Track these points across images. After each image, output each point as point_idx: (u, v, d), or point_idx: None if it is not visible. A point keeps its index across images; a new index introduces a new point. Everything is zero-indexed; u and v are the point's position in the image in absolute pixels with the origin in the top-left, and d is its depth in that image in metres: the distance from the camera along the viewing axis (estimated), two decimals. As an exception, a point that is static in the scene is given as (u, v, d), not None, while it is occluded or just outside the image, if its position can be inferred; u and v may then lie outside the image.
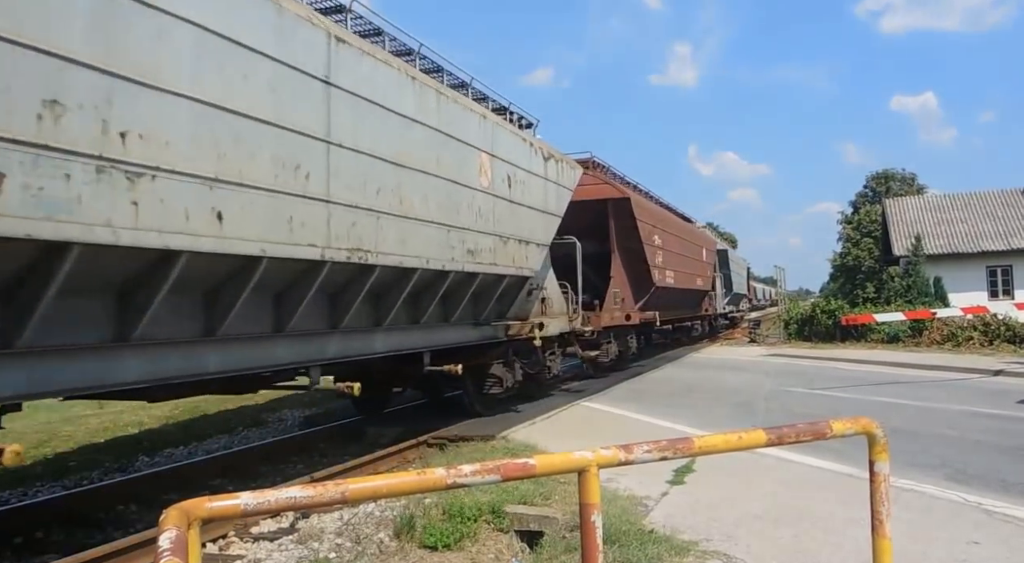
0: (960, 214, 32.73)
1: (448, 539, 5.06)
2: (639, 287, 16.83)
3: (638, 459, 2.66)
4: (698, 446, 2.82)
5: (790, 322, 29.00)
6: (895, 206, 35.76)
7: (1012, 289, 29.07)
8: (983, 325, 22.81)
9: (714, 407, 11.84)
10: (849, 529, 5.13)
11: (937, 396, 12.74)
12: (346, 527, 5.73)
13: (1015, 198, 32.69)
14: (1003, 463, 7.52)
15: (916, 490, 6.36)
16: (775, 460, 7.41)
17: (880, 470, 3.04)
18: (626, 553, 4.68)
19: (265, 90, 5.45)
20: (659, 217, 19.15)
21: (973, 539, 5.10)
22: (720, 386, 14.82)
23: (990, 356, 20.25)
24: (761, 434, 2.93)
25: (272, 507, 2.14)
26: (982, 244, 30.16)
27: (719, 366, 19.94)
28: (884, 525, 3.04)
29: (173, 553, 1.81)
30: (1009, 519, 5.58)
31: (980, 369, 16.84)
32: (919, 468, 7.14)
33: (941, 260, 29.78)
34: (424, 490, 2.52)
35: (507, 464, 2.47)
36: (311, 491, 2.17)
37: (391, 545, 5.22)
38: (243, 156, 5.23)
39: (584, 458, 2.55)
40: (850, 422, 3.07)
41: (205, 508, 2.04)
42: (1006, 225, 30.98)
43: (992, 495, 6.26)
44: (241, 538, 5.91)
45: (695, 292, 23.74)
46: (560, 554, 4.88)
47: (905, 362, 18.74)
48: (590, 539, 2.52)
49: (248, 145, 5.27)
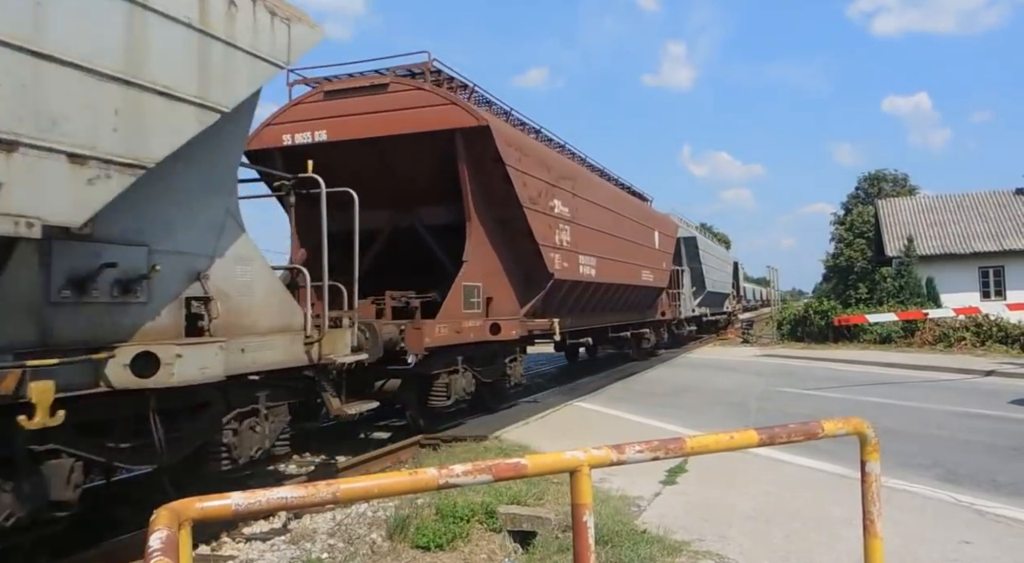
0: (952, 215, 32.85)
1: (441, 539, 5.05)
2: (526, 280, 11.25)
3: (630, 459, 2.66)
4: (690, 446, 2.82)
5: (783, 323, 29.10)
6: (888, 207, 35.87)
7: (1004, 290, 29.18)
8: (975, 326, 22.90)
9: (706, 407, 11.86)
10: (841, 529, 5.14)
11: (929, 396, 12.78)
12: (338, 527, 5.72)
13: (1007, 199, 32.83)
14: (994, 463, 7.55)
15: (908, 490, 6.38)
16: (767, 460, 7.42)
17: (871, 470, 3.05)
18: (618, 553, 4.69)
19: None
20: (563, 172, 12.56)
21: (964, 539, 5.12)
22: (712, 387, 14.84)
23: (982, 357, 20.33)
24: (753, 434, 2.93)
25: (263, 507, 2.13)
26: (974, 245, 30.28)
27: (711, 366, 19.98)
28: (876, 525, 3.05)
29: (163, 553, 1.80)
30: (1000, 519, 5.61)
31: (972, 370, 16.90)
32: (911, 468, 7.16)
33: (933, 261, 29.88)
34: (416, 490, 2.52)
35: (499, 464, 2.47)
36: (303, 491, 2.17)
37: (384, 545, 5.21)
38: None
39: (576, 458, 2.55)
40: (842, 422, 3.08)
41: (195, 508, 2.04)
42: (998, 226, 31.10)
43: (983, 495, 6.29)
44: (233, 538, 5.89)
45: (642, 289, 18.06)
46: (553, 554, 4.88)
47: (897, 363, 18.81)
48: (582, 539, 2.52)
49: None
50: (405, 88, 9.85)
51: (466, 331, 9.47)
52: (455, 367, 9.60)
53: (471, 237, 9.83)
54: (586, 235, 13.22)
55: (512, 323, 10.33)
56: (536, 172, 11.04)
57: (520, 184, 10.26)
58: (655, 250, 19.47)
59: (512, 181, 10.01)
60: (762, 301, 66.00)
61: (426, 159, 9.89)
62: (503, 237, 10.71)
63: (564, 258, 11.91)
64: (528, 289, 11.29)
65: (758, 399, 12.65)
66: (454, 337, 9.16)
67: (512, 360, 11.38)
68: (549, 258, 11.15)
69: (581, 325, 14.31)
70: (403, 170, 10.05)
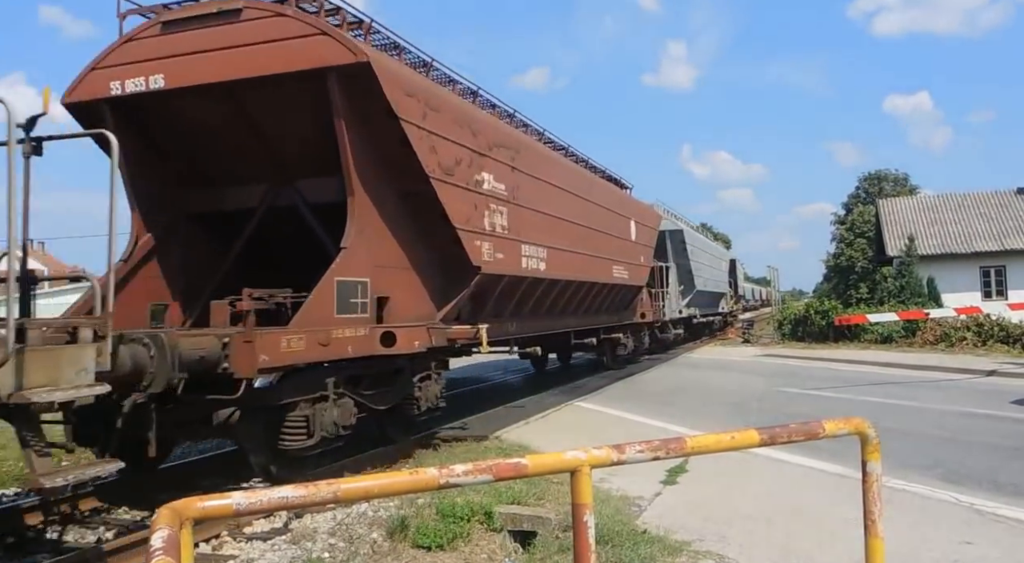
0: (953, 214, 32.84)
1: (441, 539, 5.05)
2: (444, 275, 8.71)
3: (630, 459, 2.66)
4: (691, 446, 2.82)
5: (784, 322, 29.08)
6: (888, 206, 35.86)
7: (1005, 289, 29.17)
8: (976, 326, 22.88)
9: (707, 407, 11.87)
10: (842, 529, 5.14)
11: (930, 396, 12.77)
12: (339, 527, 5.72)
13: (1009, 198, 32.82)
14: (996, 463, 7.55)
15: (909, 490, 6.38)
16: (768, 460, 7.42)
17: (873, 470, 3.05)
18: (619, 553, 4.69)
19: None
20: (497, 139, 9.77)
21: (965, 539, 5.12)
22: (713, 386, 14.86)
23: (983, 356, 20.32)
24: (754, 434, 2.93)
25: (264, 507, 2.13)
26: (975, 244, 30.26)
27: (712, 366, 19.99)
28: (876, 525, 3.04)
29: (165, 552, 1.80)
30: (1001, 519, 5.61)
31: (973, 370, 16.89)
32: (912, 468, 7.16)
33: (934, 260, 29.86)
34: (417, 490, 2.52)
35: (500, 464, 2.47)
36: (303, 491, 2.17)
37: (384, 545, 5.21)
38: None
39: (576, 458, 2.55)
40: (843, 422, 3.08)
41: (197, 508, 2.04)
42: (1000, 225, 31.09)
43: (984, 495, 6.29)
44: (234, 538, 5.90)
45: (614, 288, 15.55)
46: (553, 554, 4.88)
47: (898, 362, 18.82)
48: (582, 539, 2.52)
49: None
50: (263, 14, 7.26)
51: (339, 343, 6.83)
52: (323, 392, 6.89)
53: (354, 217, 7.26)
54: (533, 220, 10.63)
55: (415, 331, 7.92)
56: (454, 135, 8.41)
57: (425, 148, 7.74)
58: (631, 243, 16.82)
59: (412, 143, 7.50)
60: (762, 301, 66.13)
61: (300, 113, 7.45)
62: (408, 219, 8.11)
63: (497, 247, 9.25)
64: (447, 287, 8.70)
65: (759, 399, 12.66)
66: (317, 352, 6.61)
67: (424, 379, 8.56)
68: (473, 247, 8.61)
69: (529, 331, 11.53)
70: (273, 128, 7.71)
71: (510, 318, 10.55)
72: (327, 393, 6.89)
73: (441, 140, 8.10)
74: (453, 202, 8.25)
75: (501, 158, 9.66)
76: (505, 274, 9.61)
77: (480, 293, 9.24)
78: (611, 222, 15.20)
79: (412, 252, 8.21)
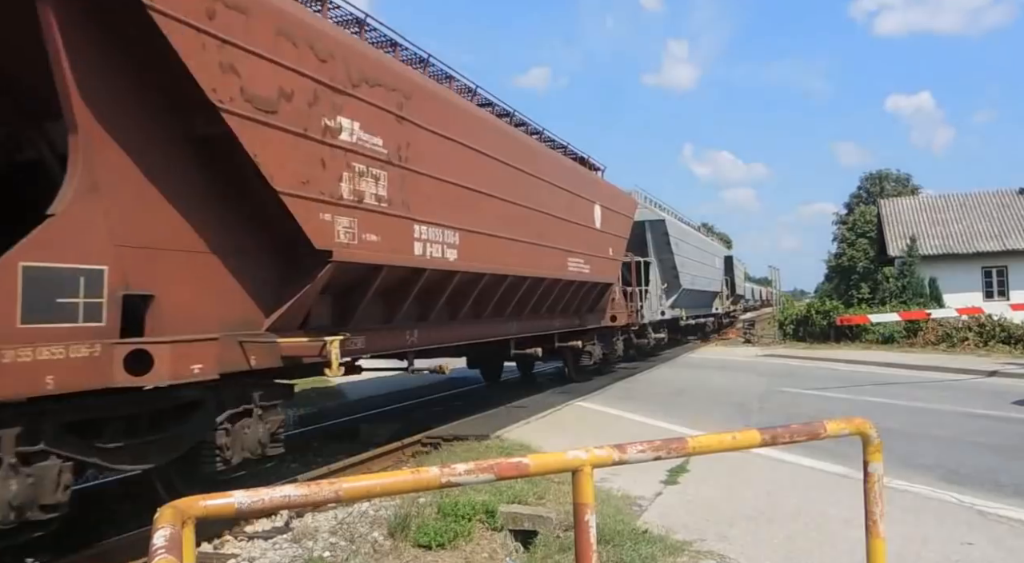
0: (955, 214, 32.78)
1: (442, 538, 5.06)
2: (280, 262, 6.15)
3: (632, 459, 2.65)
4: (692, 446, 2.82)
5: (785, 322, 29.04)
6: (890, 206, 35.80)
7: (1007, 290, 29.11)
8: (978, 326, 22.87)
9: (708, 407, 11.87)
10: (843, 529, 5.14)
11: (932, 397, 12.76)
12: (340, 526, 5.72)
13: (1011, 199, 32.75)
14: (997, 464, 7.54)
15: (910, 491, 6.38)
16: (769, 460, 7.42)
17: (874, 470, 3.04)
18: (620, 553, 4.69)
19: None
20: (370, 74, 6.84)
21: (967, 540, 5.12)
22: (714, 387, 14.85)
23: (985, 357, 20.30)
24: (755, 434, 2.93)
25: (266, 506, 2.13)
26: (977, 245, 30.21)
27: (713, 366, 19.98)
28: (878, 525, 3.04)
29: (168, 551, 1.80)
30: (1002, 520, 5.60)
31: (975, 370, 16.87)
32: (913, 469, 7.15)
33: (936, 261, 29.82)
34: (418, 489, 2.52)
35: (501, 463, 2.47)
36: (305, 490, 2.17)
37: (385, 544, 5.22)
38: None
39: (578, 458, 2.55)
40: (844, 422, 3.08)
41: (199, 507, 2.04)
42: (1002, 226, 31.04)
43: (986, 496, 6.28)
44: (236, 537, 5.91)
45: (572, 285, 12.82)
46: (554, 553, 4.88)
47: (900, 363, 18.79)
48: (584, 539, 2.52)
49: None
50: None
51: (21, 372, 4.08)
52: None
53: (78, 166, 4.55)
54: (435, 193, 7.95)
55: (203, 348, 5.21)
56: (278, 54, 5.66)
57: (211, 65, 5.05)
58: (595, 231, 13.98)
59: (180, 53, 4.79)
60: (763, 301, 66.12)
61: (18, 21, 4.52)
62: (206, 179, 5.48)
63: (366, 226, 6.66)
64: (285, 280, 6.10)
65: (760, 399, 12.66)
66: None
67: (238, 417, 5.88)
68: (316, 222, 6.00)
69: (439, 341, 9.08)
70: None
71: (406, 324, 8.06)
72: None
73: (249, 56, 5.37)
74: (275, 153, 5.59)
75: (377, 101, 6.93)
76: (383, 264, 6.94)
77: (345, 290, 6.85)
78: (567, 205, 12.41)
79: (214, 229, 5.49)
